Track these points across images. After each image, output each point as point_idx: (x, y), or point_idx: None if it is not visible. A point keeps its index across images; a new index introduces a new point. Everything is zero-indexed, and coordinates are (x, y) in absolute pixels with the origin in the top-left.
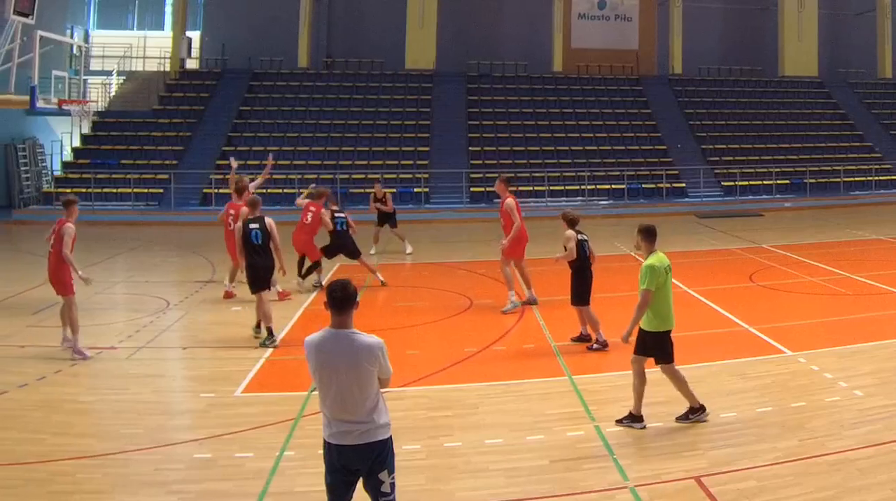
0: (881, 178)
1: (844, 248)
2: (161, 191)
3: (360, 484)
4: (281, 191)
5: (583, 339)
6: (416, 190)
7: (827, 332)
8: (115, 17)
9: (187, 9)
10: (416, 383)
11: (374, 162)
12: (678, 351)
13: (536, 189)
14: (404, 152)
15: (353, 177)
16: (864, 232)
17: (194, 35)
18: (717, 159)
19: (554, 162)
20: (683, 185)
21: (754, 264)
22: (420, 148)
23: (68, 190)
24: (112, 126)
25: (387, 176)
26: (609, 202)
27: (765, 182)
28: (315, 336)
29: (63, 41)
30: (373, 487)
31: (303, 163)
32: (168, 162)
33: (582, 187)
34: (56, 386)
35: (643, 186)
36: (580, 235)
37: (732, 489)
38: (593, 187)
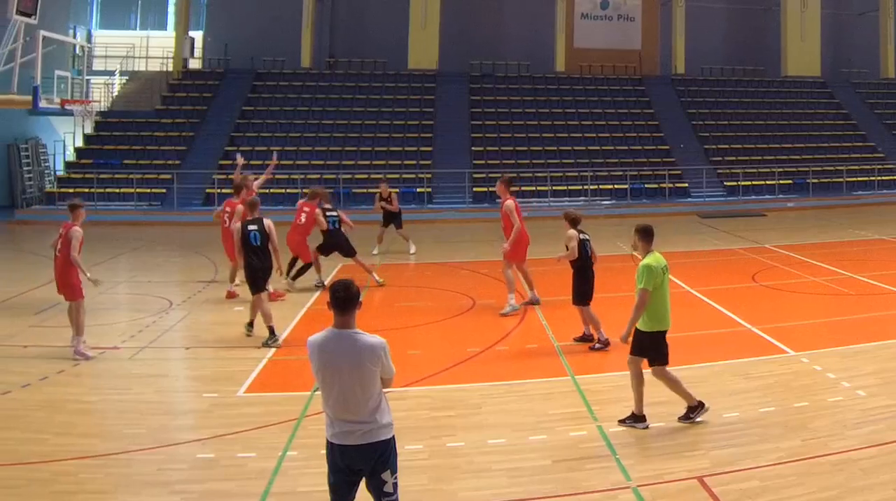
0: (884, 178)
1: (847, 248)
2: (164, 191)
3: (363, 484)
4: (283, 191)
5: (585, 339)
6: (419, 190)
7: (830, 332)
8: (118, 17)
9: (190, 8)
10: (419, 383)
11: (377, 162)
12: (680, 351)
13: (539, 189)
14: (407, 152)
15: (356, 178)
16: (867, 232)
17: (197, 35)
18: (720, 159)
19: (557, 162)
20: (686, 185)
21: (757, 264)
22: (423, 148)
23: (71, 190)
24: (115, 126)
25: (389, 176)
26: (612, 202)
27: (767, 182)
28: (318, 336)
29: (66, 41)
30: (375, 487)
31: (306, 163)
32: (171, 162)
33: (584, 187)
34: (59, 386)
35: (646, 186)
36: (582, 235)
37: (735, 489)
38: (596, 187)
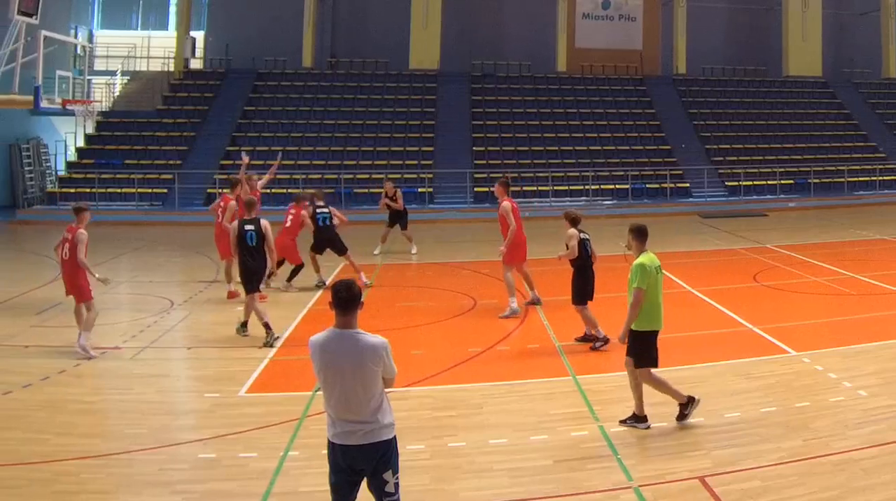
0: (885, 178)
1: (848, 248)
2: (165, 192)
3: (365, 484)
4: (285, 191)
5: (587, 339)
6: (421, 190)
7: (831, 332)
8: (119, 17)
9: (191, 9)
10: (421, 383)
11: (379, 162)
12: (682, 351)
13: (540, 189)
14: (408, 152)
15: (358, 178)
16: (869, 232)
17: (198, 35)
18: (721, 159)
19: (558, 162)
20: (687, 185)
21: (758, 264)
22: (424, 148)
23: (72, 190)
24: (116, 126)
25: (391, 176)
26: (613, 202)
27: (769, 182)
28: (319, 336)
29: (67, 41)
30: (377, 487)
31: (307, 163)
32: (172, 162)
33: (586, 187)
34: (60, 386)
35: (647, 186)
36: (582, 234)
37: (736, 489)
38: (597, 187)
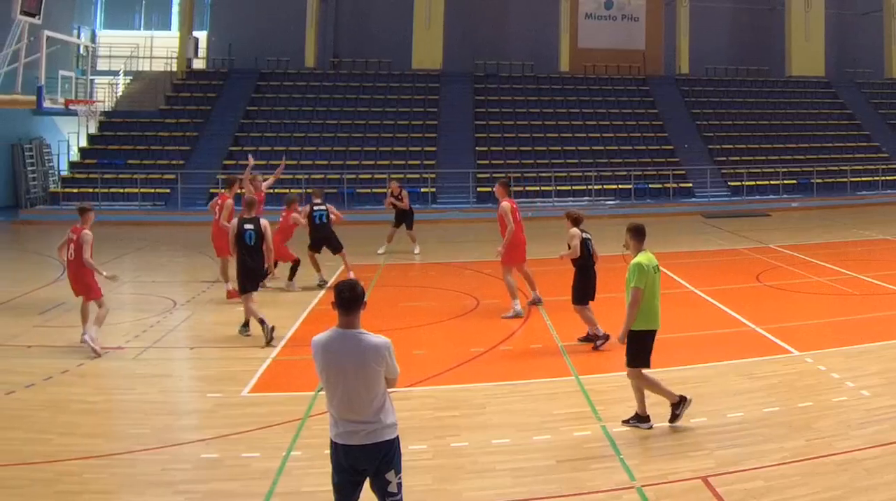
0: (888, 178)
1: (851, 248)
2: (168, 191)
3: (367, 484)
4: (287, 191)
5: (590, 339)
6: (423, 190)
7: (834, 332)
8: (122, 17)
9: (194, 9)
10: (423, 383)
11: (381, 162)
12: (684, 351)
13: (543, 189)
14: (411, 152)
15: (360, 177)
16: (871, 232)
17: (201, 35)
18: (724, 159)
19: (561, 162)
20: (690, 185)
21: (761, 264)
22: (427, 148)
23: (75, 190)
24: (119, 126)
25: (393, 176)
26: (616, 202)
27: (772, 182)
28: (322, 336)
29: (70, 41)
30: (379, 487)
31: (310, 162)
32: (175, 162)
33: (588, 187)
34: (63, 386)
35: (650, 186)
36: (584, 234)
37: (739, 489)
38: (600, 187)
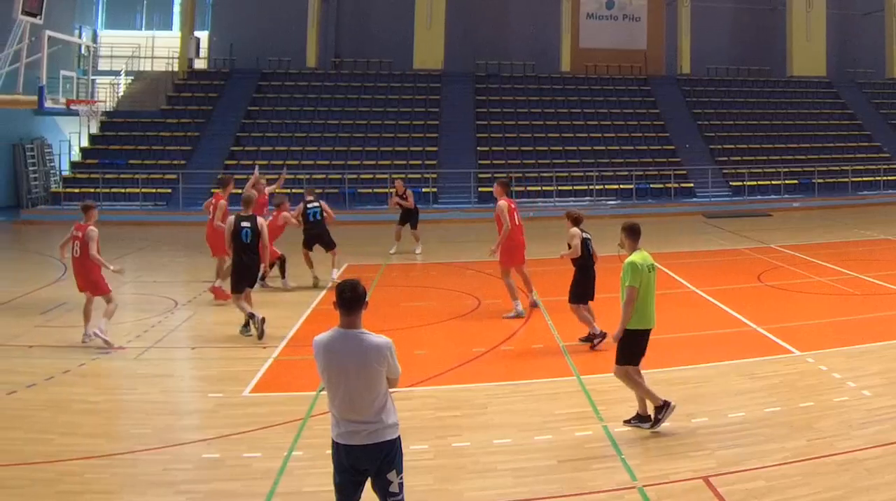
0: (889, 178)
1: (853, 248)
2: (169, 191)
3: (369, 484)
4: (289, 191)
5: (590, 339)
6: (425, 190)
7: (835, 332)
8: (124, 17)
9: (195, 9)
10: (425, 383)
11: (383, 162)
12: (686, 351)
13: (545, 189)
14: (412, 152)
15: (362, 177)
16: (873, 232)
17: (202, 35)
18: (726, 159)
19: (562, 162)
20: (692, 185)
21: (763, 264)
22: (428, 148)
23: (76, 190)
24: (120, 126)
25: (395, 176)
26: (617, 202)
27: (773, 182)
28: (324, 336)
29: (71, 41)
30: (381, 487)
31: (311, 163)
32: (176, 162)
33: (590, 187)
34: (64, 386)
35: (651, 186)
36: (584, 234)
37: (741, 489)
38: (601, 187)
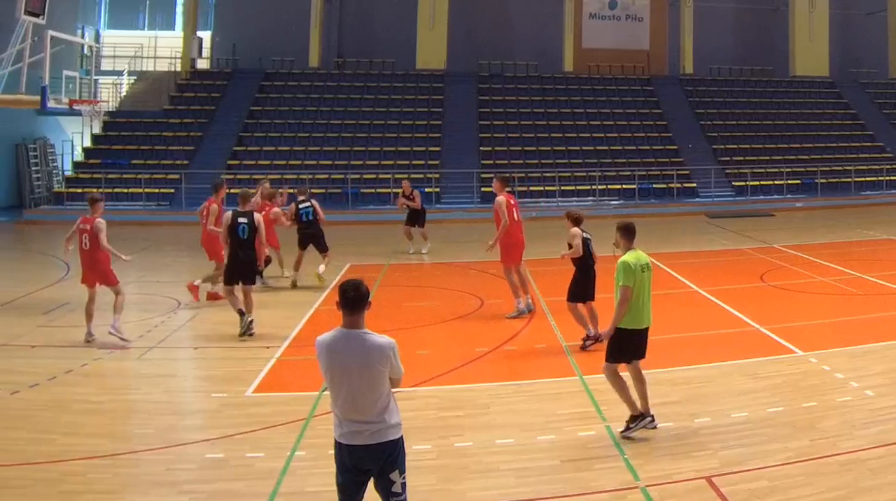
0: (892, 178)
1: (855, 248)
2: (172, 192)
3: (371, 484)
4: (291, 191)
5: (593, 339)
6: (428, 190)
7: (838, 332)
8: (126, 17)
9: (198, 9)
10: (427, 383)
11: (385, 162)
12: (689, 351)
13: (547, 189)
14: (415, 152)
15: (364, 178)
16: (875, 232)
17: (205, 35)
18: (728, 159)
19: (565, 162)
20: (694, 185)
21: (765, 264)
22: (431, 148)
23: (79, 190)
24: (123, 126)
25: (397, 176)
26: (620, 202)
27: (776, 182)
28: (326, 335)
29: (74, 41)
30: (384, 487)
31: (314, 163)
32: (179, 162)
33: (593, 187)
34: (67, 386)
35: (654, 186)
36: (584, 234)
37: (743, 489)
38: (604, 187)
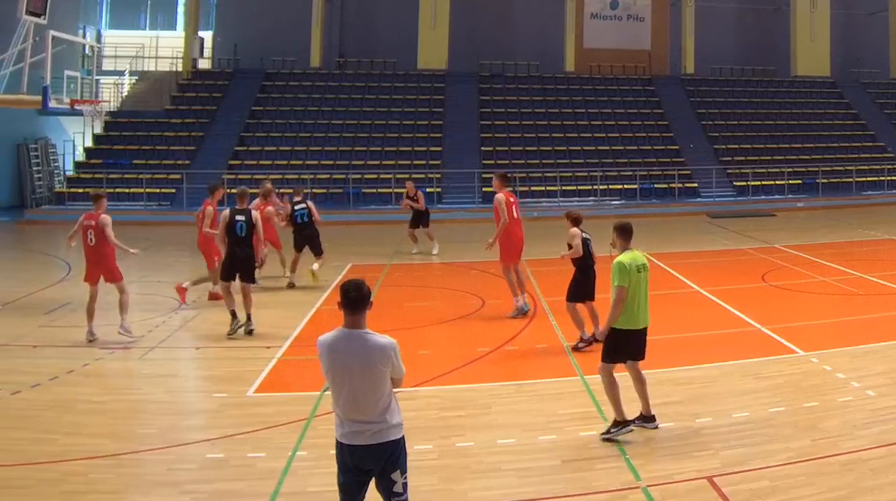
0: (893, 178)
1: (857, 248)
2: (173, 191)
3: (373, 485)
4: (293, 191)
5: (594, 339)
6: (429, 190)
7: (839, 332)
8: (128, 17)
9: (199, 9)
10: (429, 383)
11: (387, 162)
12: (690, 351)
13: (549, 189)
14: (417, 152)
15: (366, 177)
16: (877, 232)
17: (206, 35)
18: (730, 159)
19: (566, 162)
20: (696, 185)
21: (767, 264)
22: (432, 148)
23: (80, 190)
24: (124, 126)
25: (399, 176)
26: (621, 202)
27: (777, 182)
28: (328, 335)
29: (75, 41)
30: (385, 487)
31: (315, 163)
32: (180, 162)
33: (594, 187)
34: (69, 386)
35: (655, 186)
36: (584, 234)
37: (745, 489)
38: (605, 187)
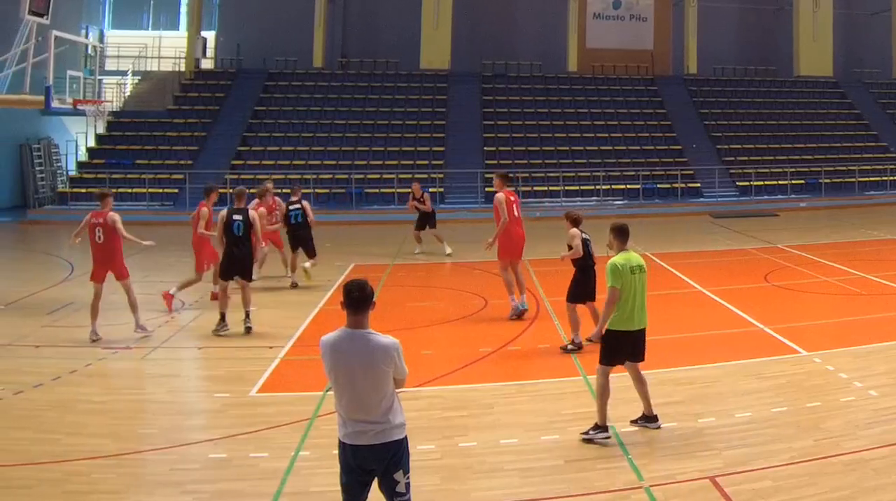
0: None
1: (859, 248)
2: (176, 191)
3: (376, 484)
4: (291, 191)
5: (576, 346)
6: (432, 190)
7: (842, 332)
8: (130, 17)
9: (202, 9)
10: (431, 383)
11: (389, 162)
12: (692, 351)
13: (551, 189)
14: (419, 152)
15: (369, 178)
16: (880, 232)
17: (209, 35)
18: (733, 159)
19: (569, 162)
20: (698, 185)
21: (769, 264)
22: (435, 148)
23: (83, 190)
24: (127, 126)
25: (402, 176)
26: (624, 202)
27: (780, 182)
28: (331, 335)
29: (78, 41)
30: (388, 487)
31: (318, 163)
32: (183, 162)
33: (597, 187)
34: (71, 386)
35: (658, 186)
36: (583, 234)
37: (747, 489)
38: (608, 187)
